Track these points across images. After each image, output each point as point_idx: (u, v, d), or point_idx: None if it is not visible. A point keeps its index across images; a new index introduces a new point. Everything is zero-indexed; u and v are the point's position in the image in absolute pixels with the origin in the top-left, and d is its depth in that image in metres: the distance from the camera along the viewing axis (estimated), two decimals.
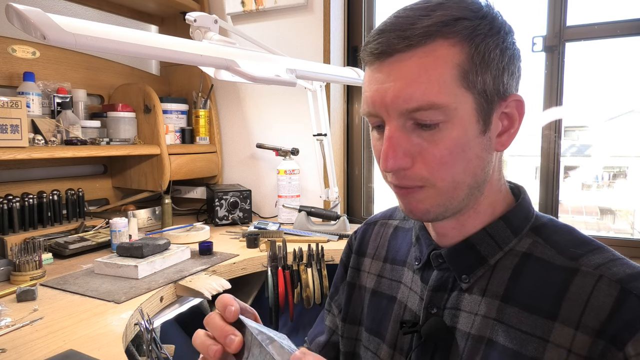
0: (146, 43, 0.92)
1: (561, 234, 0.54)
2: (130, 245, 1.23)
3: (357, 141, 1.94)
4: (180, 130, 1.95)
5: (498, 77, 0.51)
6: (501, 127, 0.53)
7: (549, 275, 0.50)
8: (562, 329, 0.47)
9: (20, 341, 0.82)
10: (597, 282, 0.47)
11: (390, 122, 0.51)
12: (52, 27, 0.76)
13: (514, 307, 0.51)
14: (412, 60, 0.48)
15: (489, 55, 0.49)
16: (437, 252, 0.58)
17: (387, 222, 0.74)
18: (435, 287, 0.57)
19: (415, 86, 0.48)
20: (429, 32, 0.48)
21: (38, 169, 1.62)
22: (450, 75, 0.48)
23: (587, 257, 0.50)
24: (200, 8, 1.92)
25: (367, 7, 1.87)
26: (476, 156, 0.51)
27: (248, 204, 1.82)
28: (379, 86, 0.51)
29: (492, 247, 0.55)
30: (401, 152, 0.50)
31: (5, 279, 1.15)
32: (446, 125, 0.49)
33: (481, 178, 0.53)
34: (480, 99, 0.50)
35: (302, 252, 1.37)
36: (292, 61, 1.27)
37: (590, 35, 1.49)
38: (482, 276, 0.54)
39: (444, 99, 0.48)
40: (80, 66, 1.72)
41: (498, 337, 0.51)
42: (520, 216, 0.56)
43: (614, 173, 2.14)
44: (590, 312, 0.46)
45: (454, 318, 0.55)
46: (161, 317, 1.14)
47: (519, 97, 0.53)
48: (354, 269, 0.74)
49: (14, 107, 1.25)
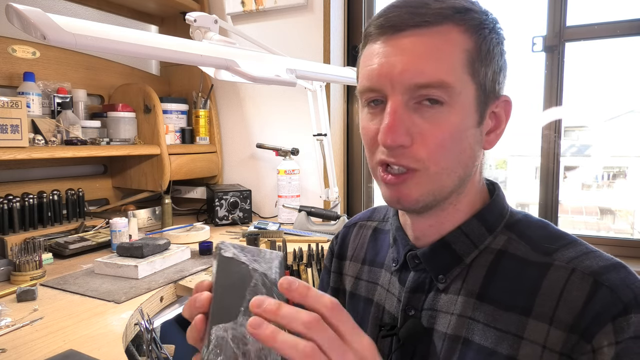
0: (146, 43, 0.92)
1: (535, 229, 0.54)
2: (130, 245, 1.23)
3: (357, 141, 1.94)
4: (180, 130, 1.95)
5: (496, 74, 0.52)
6: (490, 126, 0.54)
7: (523, 272, 0.50)
8: (536, 324, 0.47)
9: (20, 341, 0.82)
10: (570, 276, 0.47)
11: (395, 97, 0.49)
12: (52, 27, 0.76)
13: (489, 305, 0.51)
14: (424, 37, 0.48)
15: (492, 49, 0.51)
16: (413, 253, 0.57)
17: (365, 224, 0.73)
18: (413, 288, 0.57)
19: (426, 62, 0.48)
20: (442, 14, 0.49)
21: (38, 169, 1.62)
22: (460, 59, 0.49)
23: (560, 252, 0.50)
24: (200, 8, 1.92)
25: (367, 7, 1.87)
26: (470, 147, 0.52)
27: (248, 204, 1.82)
28: (385, 59, 0.50)
29: (467, 245, 0.54)
30: (403, 129, 0.49)
31: (5, 279, 1.15)
32: (449, 109, 0.49)
33: (469, 171, 0.53)
34: (480, 90, 0.51)
35: (302, 252, 1.37)
36: (292, 61, 1.27)
37: (590, 35, 1.49)
38: (458, 275, 0.54)
39: (452, 80, 0.48)
40: (80, 66, 1.72)
41: (474, 336, 0.51)
42: (494, 213, 0.56)
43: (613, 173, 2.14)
44: (564, 307, 0.46)
45: (431, 319, 0.55)
46: (161, 317, 1.14)
47: (508, 99, 0.54)
48: (336, 273, 0.73)
49: (14, 107, 1.25)
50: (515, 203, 0.67)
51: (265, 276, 0.44)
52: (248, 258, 0.46)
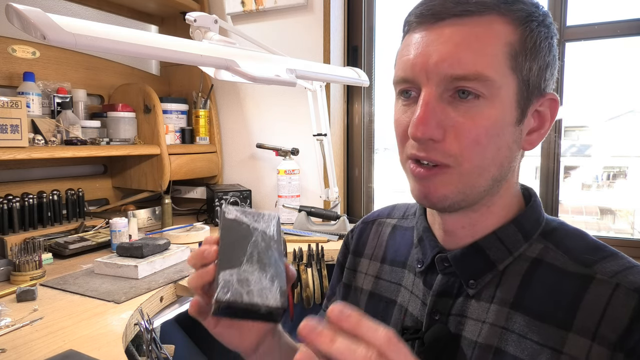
0: (146, 43, 0.92)
1: (573, 239, 0.52)
2: (130, 245, 1.23)
3: (357, 141, 1.94)
4: (180, 130, 1.95)
5: (542, 70, 0.49)
6: (532, 125, 0.51)
7: (561, 283, 0.48)
8: (577, 339, 0.45)
9: (20, 341, 0.82)
10: (614, 291, 0.45)
11: (429, 88, 0.47)
12: (52, 27, 0.76)
13: (525, 315, 0.49)
14: (466, 27, 0.46)
15: (539, 44, 0.48)
16: (443, 256, 0.55)
17: (385, 221, 0.71)
18: (440, 292, 0.55)
19: (465, 52, 0.46)
20: (487, 3, 0.47)
21: (38, 169, 1.62)
22: (502, 52, 0.47)
23: (601, 264, 0.48)
24: (200, 8, 1.92)
25: (367, 7, 1.87)
26: (507, 146, 0.49)
27: (248, 204, 1.81)
28: (424, 49, 0.48)
29: (502, 251, 0.52)
30: (435, 122, 0.47)
31: (5, 279, 1.15)
32: (486, 103, 0.47)
33: (505, 172, 0.51)
34: (522, 86, 0.48)
35: (302, 252, 1.37)
36: (292, 61, 1.27)
37: (590, 35, 1.49)
38: (490, 282, 0.52)
39: (491, 73, 0.46)
40: (80, 66, 1.72)
41: (507, 346, 0.48)
42: (531, 220, 0.53)
43: (614, 173, 2.14)
44: (608, 323, 0.44)
45: (459, 325, 0.53)
46: (161, 317, 1.14)
47: (555, 97, 0.52)
48: (350, 270, 0.71)
49: (14, 107, 1.25)
50: None
51: (264, 233, 0.52)
52: (249, 219, 0.53)
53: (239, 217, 0.52)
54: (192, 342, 1.55)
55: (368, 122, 1.92)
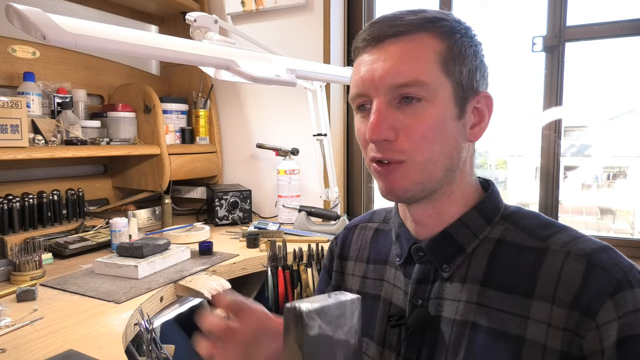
0: (146, 43, 0.92)
1: (528, 219, 0.59)
2: (130, 245, 1.23)
3: (357, 141, 1.94)
4: (180, 130, 1.95)
5: (472, 72, 0.57)
6: (473, 120, 0.59)
7: (522, 257, 0.55)
8: (539, 305, 0.51)
9: (20, 341, 0.82)
10: (566, 258, 0.52)
11: (378, 98, 0.55)
12: (52, 27, 0.76)
13: (494, 290, 0.55)
14: (400, 44, 0.55)
15: (465, 51, 0.56)
16: (418, 246, 0.61)
17: (367, 225, 0.77)
18: (418, 279, 0.61)
19: (402, 64, 0.54)
20: (415, 24, 0.56)
21: (38, 169, 1.62)
22: (433, 60, 0.55)
23: (554, 237, 0.55)
24: (200, 8, 1.92)
25: (367, 8, 1.87)
26: (453, 138, 0.56)
27: (248, 204, 1.81)
28: (369, 66, 0.56)
29: (468, 235, 0.59)
30: (386, 125, 0.55)
31: (5, 279, 1.15)
32: (428, 104, 0.54)
33: (456, 162, 0.58)
34: (457, 87, 0.56)
35: (302, 252, 1.37)
36: (292, 61, 1.27)
37: (590, 35, 1.49)
38: (461, 264, 0.58)
39: (427, 78, 0.54)
40: (80, 66, 1.72)
41: (481, 319, 0.54)
42: (491, 206, 0.61)
43: (613, 173, 2.14)
44: (563, 286, 0.51)
45: (438, 307, 0.58)
46: (161, 317, 1.14)
47: (488, 94, 0.59)
48: (338, 272, 0.76)
49: (14, 107, 1.25)
50: (516, 203, 0.67)
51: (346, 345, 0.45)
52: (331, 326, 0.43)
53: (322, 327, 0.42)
54: (192, 342, 1.55)
55: None
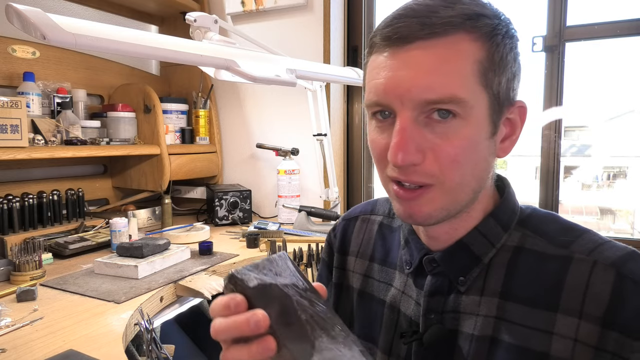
0: (146, 43, 0.92)
1: (547, 223, 0.54)
2: (130, 245, 1.23)
3: (357, 141, 1.94)
4: (180, 130, 1.95)
5: (510, 81, 0.50)
6: (505, 133, 0.53)
7: (543, 266, 0.50)
8: (564, 319, 0.47)
9: (20, 341, 0.82)
10: (593, 268, 0.48)
11: (404, 114, 0.47)
12: (52, 27, 0.76)
13: (514, 303, 0.50)
14: (433, 50, 0.46)
15: (505, 56, 0.49)
16: (430, 257, 0.56)
17: (369, 218, 0.70)
18: (431, 292, 0.56)
19: (435, 77, 0.46)
20: (452, 22, 0.46)
21: (38, 169, 1.62)
22: (471, 70, 0.47)
23: (577, 243, 0.50)
24: (200, 8, 1.92)
25: (367, 7, 1.87)
26: (484, 159, 0.50)
27: (248, 204, 1.81)
28: (393, 73, 0.47)
29: (484, 245, 0.54)
30: (413, 147, 0.47)
31: (5, 279, 1.15)
32: (461, 122, 0.47)
33: (483, 183, 0.52)
34: (494, 101, 0.49)
35: (302, 252, 1.37)
36: (292, 61, 1.27)
37: (590, 35, 1.49)
38: (478, 276, 0.54)
39: (463, 94, 0.46)
40: (80, 66, 1.72)
41: (502, 335, 0.50)
42: (508, 211, 0.55)
43: (614, 173, 2.14)
44: (591, 300, 0.46)
45: (454, 321, 0.54)
46: (161, 317, 1.14)
47: (523, 104, 0.53)
48: (339, 269, 0.71)
49: (14, 107, 1.25)
50: None
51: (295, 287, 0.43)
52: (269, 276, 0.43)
53: (261, 278, 0.42)
54: (192, 342, 1.55)
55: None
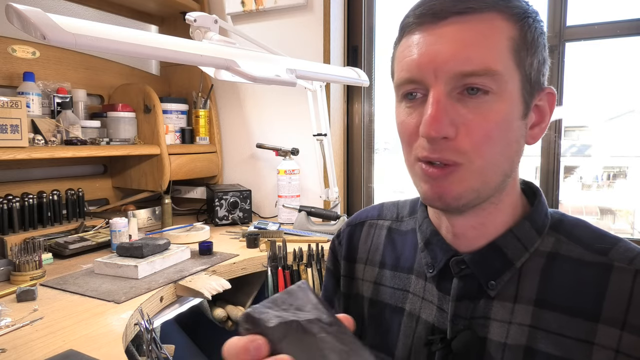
0: (146, 43, 0.92)
1: (580, 229, 0.52)
2: (130, 245, 1.23)
3: (357, 141, 1.94)
4: (180, 130, 1.95)
5: (541, 65, 0.50)
6: (534, 119, 0.52)
7: (581, 274, 0.49)
8: (606, 329, 0.46)
9: (20, 341, 0.82)
10: (635, 278, 0.47)
11: (438, 87, 0.47)
12: (52, 27, 0.76)
13: (552, 311, 0.49)
14: (468, 24, 0.47)
15: (537, 38, 0.49)
16: (459, 258, 0.53)
17: (376, 223, 0.68)
18: (459, 296, 0.53)
19: (472, 49, 0.46)
20: (486, 0, 0.47)
21: (38, 169, 1.62)
22: (506, 47, 0.47)
23: (614, 251, 0.49)
24: (200, 8, 1.92)
25: (367, 7, 1.87)
26: (516, 140, 0.49)
27: (248, 204, 1.81)
28: (427, 48, 0.47)
29: (519, 249, 0.52)
30: (447, 119, 0.46)
31: (5, 279, 1.15)
32: (495, 98, 0.47)
33: (514, 167, 0.51)
34: (525, 81, 0.49)
35: (302, 252, 1.37)
36: (292, 61, 1.27)
37: (590, 35, 1.49)
38: (510, 281, 0.51)
39: (499, 67, 0.46)
40: (80, 66, 1.72)
41: (539, 344, 0.48)
42: (542, 215, 0.54)
43: (614, 173, 2.14)
44: (635, 311, 0.45)
45: (484, 328, 0.52)
46: (161, 317, 1.14)
47: (552, 90, 0.52)
48: (347, 277, 0.68)
49: (14, 107, 1.25)
50: None
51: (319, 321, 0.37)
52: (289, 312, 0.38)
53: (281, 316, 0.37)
54: (192, 342, 1.55)
55: (368, 122, 1.92)
